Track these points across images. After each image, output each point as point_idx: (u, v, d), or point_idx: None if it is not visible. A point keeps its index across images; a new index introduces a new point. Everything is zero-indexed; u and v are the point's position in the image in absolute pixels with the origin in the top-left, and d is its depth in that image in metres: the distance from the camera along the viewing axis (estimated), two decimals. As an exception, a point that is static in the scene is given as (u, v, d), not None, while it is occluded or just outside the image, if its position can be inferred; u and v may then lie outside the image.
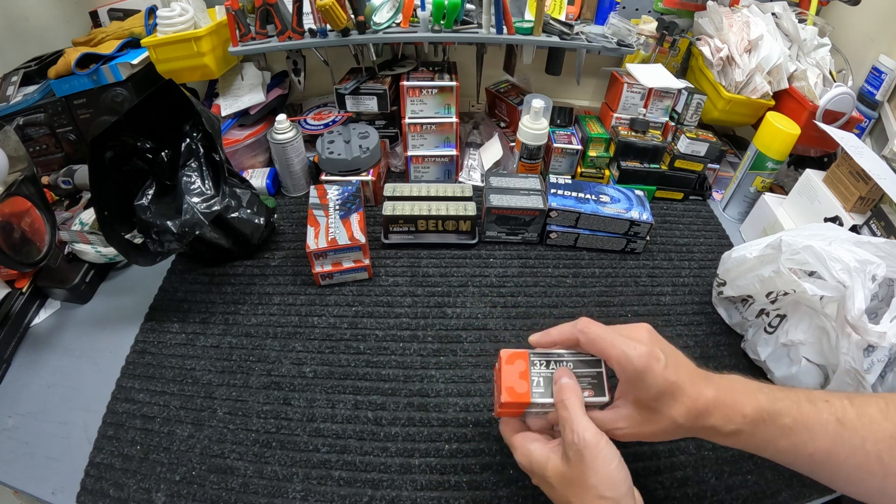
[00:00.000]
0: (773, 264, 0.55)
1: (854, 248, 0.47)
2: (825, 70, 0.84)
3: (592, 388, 0.43)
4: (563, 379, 0.42)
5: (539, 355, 0.44)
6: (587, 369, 0.43)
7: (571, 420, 0.39)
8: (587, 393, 0.42)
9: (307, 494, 0.51)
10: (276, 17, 0.76)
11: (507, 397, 0.43)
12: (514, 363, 0.44)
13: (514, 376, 0.44)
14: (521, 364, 0.44)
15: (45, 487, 0.52)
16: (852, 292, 0.45)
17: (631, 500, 0.39)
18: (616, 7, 0.90)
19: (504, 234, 0.78)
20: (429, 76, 0.83)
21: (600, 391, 0.43)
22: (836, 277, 0.46)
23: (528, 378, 0.44)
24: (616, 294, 0.72)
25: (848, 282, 0.45)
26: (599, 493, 0.37)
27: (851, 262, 0.45)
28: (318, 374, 0.61)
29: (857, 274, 0.45)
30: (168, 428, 0.56)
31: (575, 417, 0.39)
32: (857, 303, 0.44)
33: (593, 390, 0.43)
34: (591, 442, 0.38)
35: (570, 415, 0.39)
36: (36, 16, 0.85)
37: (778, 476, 0.54)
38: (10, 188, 0.61)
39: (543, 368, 0.44)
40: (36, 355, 0.64)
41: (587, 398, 0.42)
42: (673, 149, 0.85)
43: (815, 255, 0.48)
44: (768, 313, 0.61)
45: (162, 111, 0.66)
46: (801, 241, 0.49)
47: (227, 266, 0.75)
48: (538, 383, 0.43)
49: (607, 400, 0.42)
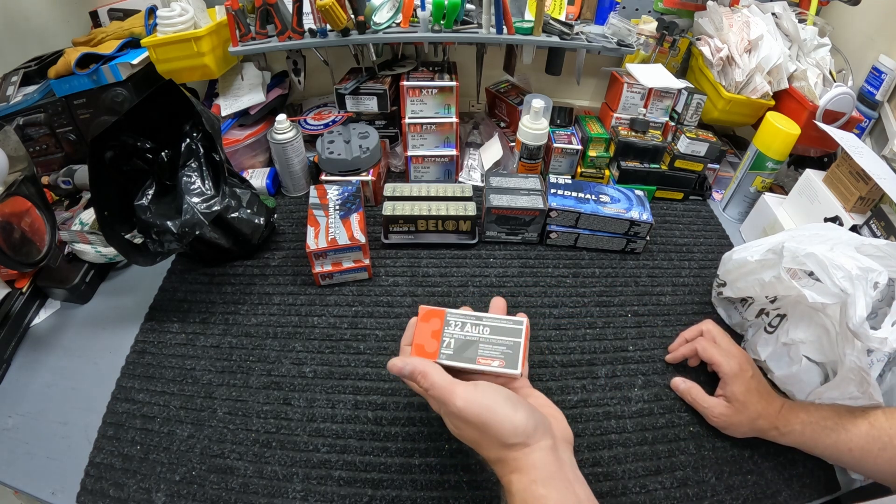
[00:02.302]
0: (773, 269, 0.55)
1: (856, 255, 0.47)
2: (825, 70, 0.84)
3: (504, 357, 0.42)
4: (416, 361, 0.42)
5: (457, 316, 0.44)
6: (503, 337, 0.43)
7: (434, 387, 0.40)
8: (497, 363, 0.42)
9: (307, 494, 0.51)
10: (276, 17, 0.76)
11: (414, 353, 0.43)
12: (429, 321, 0.44)
13: (427, 334, 0.43)
14: (437, 322, 0.44)
15: (45, 487, 0.52)
16: (854, 300, 0.45)
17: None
18: (616, 7, 0.90)
19: (504, 234, 0.78)
20: (429, 76, 0.83)
21: (512, 363, 0.42)
22: (839, 285, 0.46)
23: (439, 338, 0.43)
24: (616, 294, 0.72)
25: (850, 290, 0.45)
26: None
27: (853, 269, 0.45)
28: (318, 374, 0.61)
29: (859, 282, 0.45)
30: (168, 428, 0.56)
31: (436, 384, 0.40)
32: (858, 310, 0.45)
33: (504, 360, 0.42)
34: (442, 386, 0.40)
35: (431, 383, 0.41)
36: (36, 16, 0.85)
37: (778, 476, 0.54)
38: (10, 188, 0.61)
39: (458, 330, 0.43)
40: (36, 355, 0.64)
41: (496, 368, 0.42)
42: (673, 149, 0.85)
43: (817, 263, 0.48)
44: (768, 313, 0.61)
45: (162, 111, 0.66)
46: (804, 247, 0.49)
47: (227, 266, 0.75)
48: (448, 344, 0.43)
49: (518, 373, 0.42)
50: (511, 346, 0.42)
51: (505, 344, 0.42)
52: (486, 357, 0.42)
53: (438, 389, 0.40)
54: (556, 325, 0.67)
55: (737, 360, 0.56)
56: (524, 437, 0.38)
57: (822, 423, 0.50)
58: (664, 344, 0.65)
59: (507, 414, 0.38)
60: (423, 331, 0.43)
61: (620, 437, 0.56)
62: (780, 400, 0.54)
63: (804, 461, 0.55)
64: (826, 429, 0.50)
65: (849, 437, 0.49)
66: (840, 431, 0.49)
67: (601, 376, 0.62)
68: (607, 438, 0.56)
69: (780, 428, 0.52)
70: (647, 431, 0.57)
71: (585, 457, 0.54)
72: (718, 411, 0.55)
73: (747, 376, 0.54)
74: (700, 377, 0.60)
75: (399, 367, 0.42)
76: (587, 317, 0.69)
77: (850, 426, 0.49)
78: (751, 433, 0.54)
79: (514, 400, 0.39)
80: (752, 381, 0.55)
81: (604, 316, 0.69)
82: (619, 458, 0.54)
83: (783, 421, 0.52)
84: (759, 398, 0.54)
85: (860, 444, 0.48)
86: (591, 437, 0.56)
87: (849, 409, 0.50)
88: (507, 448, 0.38)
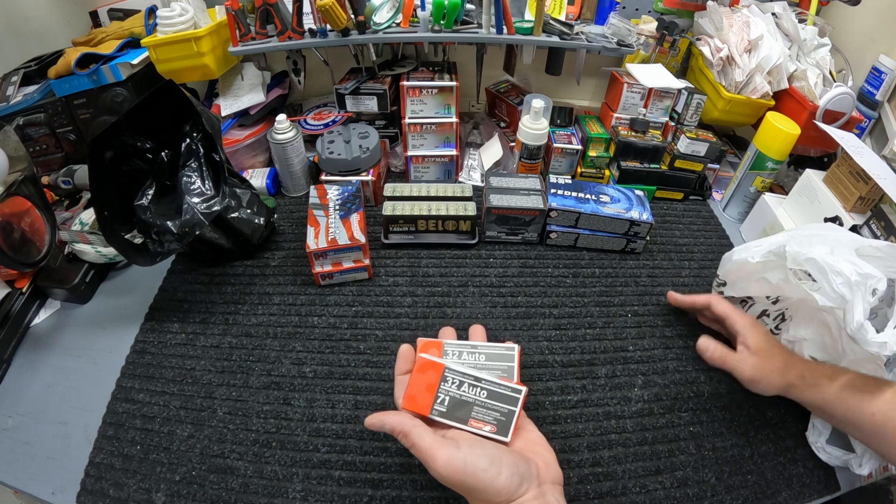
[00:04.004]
0: (779, 271, 0.55)
1: (856, 260, 0.47)
2: (825, 70, 0.84)
3: (497, 424, 0.41)
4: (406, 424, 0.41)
5: (455, 373, 0.42)
6: (499, 404, 0.42)
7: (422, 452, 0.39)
8: (489, 428, 0.41)
9: (307, 494, 0.51)
10: (276, 17, 0.76)
11: (406, 405, 0.42)
12: (425, 372, 0.42)
13: (422, 386, 0.42)
14: (433, 376, 0.42)
15: (45, 487, 0.52)
16: (852, 306, 0.45)
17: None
18: (616, 7, 0.90)
19: (504, 234, 0.78)
20: (429, 76, 0.83)
21: (503, 430, 0.41)
22: (837, 291, 0.46)
23: (434, 393, 0.42)
24: (616, 294, 0.72)
25: (849, 296, 0.45)
26: None
27: (853, 275, 0.45)
28: (318, 374, 0.61)
29: (858, 288, 0.45)
30: (168, 428, 0.56)
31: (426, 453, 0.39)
32: (856, 316, 0.45)
33: (496, 427, 0.41)
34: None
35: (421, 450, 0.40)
36: (36, 16, 0.85)
37: (778, 476, 0.54)
38: (10, 188, 0.61)
39: (454, 388, 0.42)
40: (36, 355, 0.64)
41: (487, 433, 0.41)
42: (673, 149, 0.85)
43: (817, 268, 0.48)
44: (769, 314, 0.61)
45: (162, 111, 0.66)
46: (805, 251, 0.49)
47: (227, 266, 0.75)
48: (442, 402, 0.42)
49: (507, 440, 0.41)
50: (506, 413, 0.42)
51: (500, 411, 0.42)
52: (478, 420, 0.42)
53: (419, 451, 0.39)
54: (556, 325, 0.67)
55: (748, 316, 0.58)
56: (508, 496, 0.38)
57: (848, 382, 0.50)
58: (664, 344, 0.65)
59: (490, 478, 0.38)
60: (418, 382, 0.42)
61: (620, 437, 0.56)
62: (801, 356, 0.55)
63: (804, 461, 0.55)
64: (852, 388, 0.49)
65: (873, 401, 0.48)
66: (865, 393, 0.49)
67: (601, 376, 0.62)
68: (607, 438, 0.56)
69: (807, 378, 0.52)
70: (647, 431, 0.57)
71: (585, 457, 0.54)
72: (750, 363, 0.54)
73: (763, 328, 0.56)
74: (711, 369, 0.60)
75: (377, 425, 0.41)
76: (587, 317, 0.69)
77: (875, 390, 0.49)
78: (781, 385, 0.53)
79: (498, 460, 0.39)
80: (769, 335, 0.56)
81: (604, 316, 0.69)
82: (619, 458, 0.54)
83: (810, 371, 0.52)
84: (781, 347, 0.55)
85: (883, 410, 0.47)
86: (591, 437, 0.56)
87: (874, 377, 0.50)
88: None
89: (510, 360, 0.45)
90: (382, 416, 0.42)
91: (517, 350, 0.46)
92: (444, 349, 0.45)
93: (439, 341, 0.47)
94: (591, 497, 0.51)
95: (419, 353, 0.44)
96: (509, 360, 0.45)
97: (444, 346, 0.46)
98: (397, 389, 0.44)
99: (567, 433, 0.56)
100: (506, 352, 0.46)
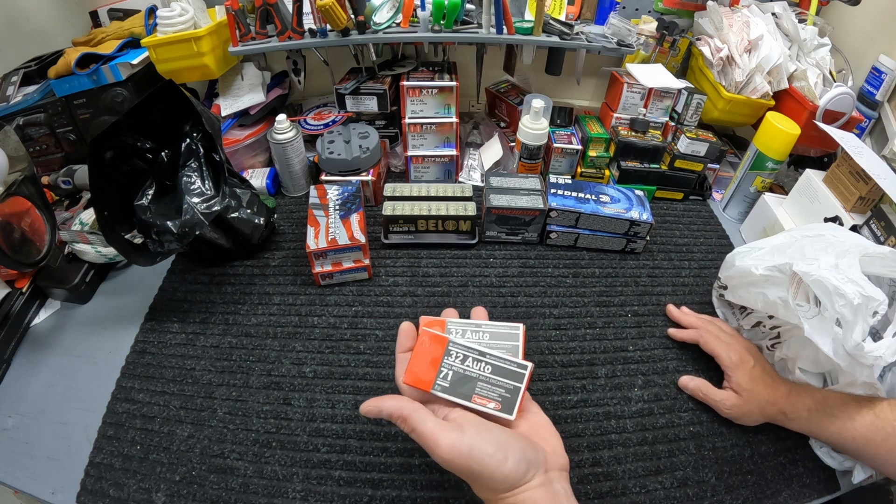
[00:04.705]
0: (779, 288, 0.54)
1: (860, 281, 0.46)
2: (825, 70, 0.84)
3: (502, 401, 0.40)
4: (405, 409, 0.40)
5: (459, 347, 0.41)
6: (504, 380, 0.41)
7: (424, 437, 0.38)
8: (493, 405, 0.40)
9: (307, 494, 0.51)
10: (276, 17, 0.76)
11: (408, 380, 0.40)
12: (429, 346, 0.41)
13: (425, 361, 0.41)
14: (437, 350, 0.41)
15: (45, 487, 0.52)
16: (851, 326, 0.46)
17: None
18: (616, 7, 0.90)
19: (504, 234, 0.78)
20: (429, 76, 0.83)
21: (508, 408, 0.40)
22: (838, 312, 0.46)
23: (437, 367, 0.41)
24: (616, 294, 0.72)
25: (849, 317, 0.46)
26: None
27: (856, 299, 0.45)
28: (318, 374, 0.61)
29: (860, 311, 0.45)
30: (168, 428, 0.56)
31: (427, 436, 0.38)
32: (854, 335, 0.45)
33: (501, 403, 0.40)
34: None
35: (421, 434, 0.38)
36: (36, 16, 0.85)
37: (778, 476, 0.54)
38: (10, 188, 0.61)
39: (458, 362, 0.41)
40: (36, 355, 0.64)
41: (491, 410, 0.40)
42: (673, 149, 0.85)
43: (822, 290, 0.48)
44: (764, 325, 0.61)
45: (162, 111, 0.66)
46: (812, 272, 0.49)
47: (227, 266, 0.75)
48: (446, 376, 0.40)
49: (512, 418, 0.40)
50: (511, 390, 0.40)
51: (505, 387, 0.40)
52: (482, 397, 0.40)
53: (420, 436, 0.38)
54: (556, 325, 0.67)
55: (737, 352, 0.58)
56: (514, 482, 0.37)
57: (828, 411, 0.51)
58: (664, 344, 0.65)
59: (496, 464, 0.36)
60: (421, 356, 0.41)
61: (620, 437, 0.56)
62: (786, 385, 0.55)
63: (804, 461, 0.55)
64: (832, 416, 0.51)
65: (853, 426, 0.50)
66: (845, 419, 0.50)
67: (601, 376, 0.62)
68: (607, 438, 0.56)
69: (788, 413, 0.53)
70: (647, 431, 0.57)
71: (585, 457, 0.54)
72: (730, 403, 0.56)
73: (749, 366, 0.56)
74: (710, 369, 0.60)
75: (373, 411, 0.40)
76: (587, 317, 0.69)
77: (854, 415, 0.50)
78: (761, 420, 0.55)
79: (504, 445, 0.37)
80: (755, 369, 0.56)
81: (604, 316, 0.69)
82: (619, 458, 0.54)
83: (790, 406, 0.53)
84: (764, 385, 0.55)
85: (864, 433, 0.49)
86: (591, 437, 0.56)
87: (855, 398, 0.51)
88: (498, 492, 0.37)
89: (515, 339, 0.44)
90: (379, 401, 0.40)
91: (522, 329, 0.44)
92: (448, 328, 0.43)
93: (442, 319, 0.45)
94: (591, 497, 0.51)
95: (422, 328, 0.42)
96: (514, 340, 0.44)
97: (448, 324, 0.44)
98: (398, 368, 0.43)
99: (567, 433, 0.56)
100: (511, 331, 0.44)
